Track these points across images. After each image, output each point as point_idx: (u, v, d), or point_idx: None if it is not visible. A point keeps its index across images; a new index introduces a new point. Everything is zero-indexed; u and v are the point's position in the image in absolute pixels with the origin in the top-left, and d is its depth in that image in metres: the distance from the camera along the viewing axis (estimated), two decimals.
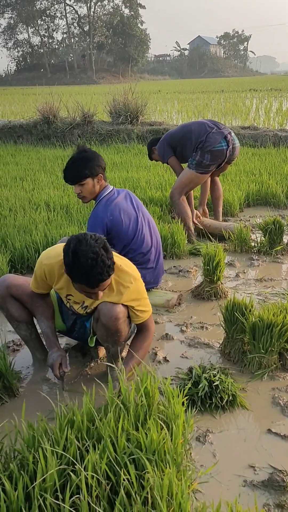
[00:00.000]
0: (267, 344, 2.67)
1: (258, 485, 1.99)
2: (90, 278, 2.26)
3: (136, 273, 2.57)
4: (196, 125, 4.85)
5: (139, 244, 3.52)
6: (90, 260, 2.20)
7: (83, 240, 2.24)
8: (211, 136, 4.69)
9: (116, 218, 3.39)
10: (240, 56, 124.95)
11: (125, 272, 2.50)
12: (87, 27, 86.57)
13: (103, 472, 1.71)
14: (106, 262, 2.23)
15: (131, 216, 3.48)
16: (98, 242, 2.25)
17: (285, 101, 21.03)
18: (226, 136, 4.72)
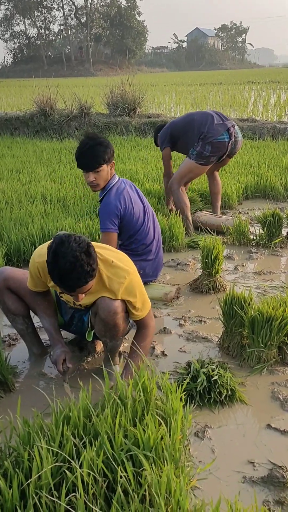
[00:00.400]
0: (266, 338, 2.64)
1: (258, 481, 1.96)
2: (67, 282, 2.20)
3: (130, 267, 2.51)
4: (199, 115, 4.81)
5: (144, 235, 3.55)
6: (69, 263, 2.14)
7: (65, 241, 2.18)
8: (214, 128, 4.65)
9: (128, 207, 3.41)
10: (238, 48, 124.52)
11: (119, 268, 2.44)
12: (84, 18, 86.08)
13: (100, 470, 1.68)
14: (84, 268, 2.17)
15: (140, 207, 3.52)
16: (81, 246, 2.18)
17: (283, 94, 20.93)
18: (229, 128, 4.68)
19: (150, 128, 10.62)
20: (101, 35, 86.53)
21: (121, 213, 3.37)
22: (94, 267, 2.23)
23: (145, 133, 10.60)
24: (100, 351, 2.93)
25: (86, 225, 4.60)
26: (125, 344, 2.98)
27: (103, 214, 3.37)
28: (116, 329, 2.52)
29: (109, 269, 2.43)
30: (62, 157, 8.39)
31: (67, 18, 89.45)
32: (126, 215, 3.41)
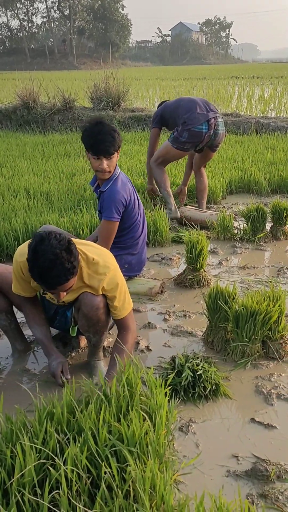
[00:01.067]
0: (250, 332, 2.64)
1: (242, 475, 1.97)
2: (47, 280, 2.17)
3: (111, 263, 2.48)
4: (186, 101, 4.88)
5: (135, 229, 3.56)
6: (49, 261, 2.11)
7: (45, 239, 2.14)
8: (195, 116, 4.71)
9: (130, 199, 3.43)
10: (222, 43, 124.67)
11: (99, 265, 2.42)
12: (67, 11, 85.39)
13: (84, 466, 1.66)
14: (65, 265, 2.14)
15: (135, 200, 3.54)
16: (61, 243, 2.15)
17: (267, 89, 21.01)
18: (209, 119, 4.71)
19: (134, 123, 10.59)
20: (85, 28, 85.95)
21: (125, 203, 3.36)
22: (74, 264, 2.20)
23: (129, 127, 10.55)
24: (84, 346, 2.91)
25: (70, 220, 4.56)
26: (109, 339, 2.97)
27: (109, 202, 3.31)
28: (99, 324, 2.51)
29: (90, 266, 2.41)
30: (45, 151, 8.32)
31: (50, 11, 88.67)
32: (129, 207, 3.41)
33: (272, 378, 2.59)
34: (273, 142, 8.39)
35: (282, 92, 18.99)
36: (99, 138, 3.19)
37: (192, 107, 4.76)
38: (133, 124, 10.57)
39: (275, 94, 18.22)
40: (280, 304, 2.67)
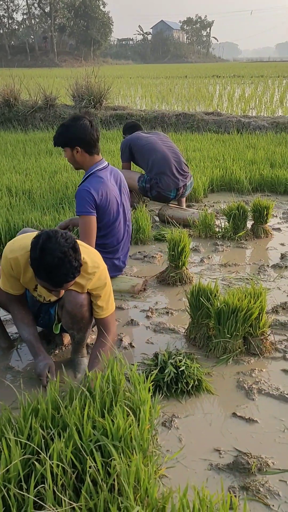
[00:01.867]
0: (232, 328, 2.69)
1: (224, 468, 2.01)
2: (55, 278, 2.20)
3: (99, 263, 2.51)
4: (161, 157, 4.94)
5: (113, 233, 3.50)
6: (57, 259, 2.13)
7: (53, 237, 2.16)
8: (166, 181, 4.92)
9: (104, 199, 3.33)
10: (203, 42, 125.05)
11: (87, 265, 2.44)
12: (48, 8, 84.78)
13: (69, 461, 1.69)
14: (73, 264, 2.17)
15: (116, 203, 3.44)
16: (68, 241, 2.17)
17: (248, 88, 21.16)
18: (179, 188, 4.98)
19: (116, 121, 10.59)
20: (66, 26, 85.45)
21: (95, 200, 3.28)
22: (81, 262, 2.24)
23: (111, 125, 10.56)
24: (68, 344, 2.93)
25: (52, 218, 4.56)
26: (92, 336, 2.99)
27: (78, 198, 3.29)
28: (83, 321, 2.53)
29: None
30: (27, 149, 8.28)
31: (31, 7, 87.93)
32: (101, 207, 3.32)
33: (253, 374, 2.63)
34: (254, 141, 8.48)
35: (262, 91, 19.15)
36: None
37: (164, 168, 4.90)
38: (115, 122, 10.57)
39: (255, 93, 18.37)
40: (261, 301, 2.72)
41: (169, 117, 10.44)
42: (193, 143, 8.51)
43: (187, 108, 14.29)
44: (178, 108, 14.11)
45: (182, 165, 5.03)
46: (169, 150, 5.04)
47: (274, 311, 3.26)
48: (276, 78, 28.10)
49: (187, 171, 5.11)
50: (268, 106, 14.63)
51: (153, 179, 4.92)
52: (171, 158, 4.95)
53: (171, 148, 5.08)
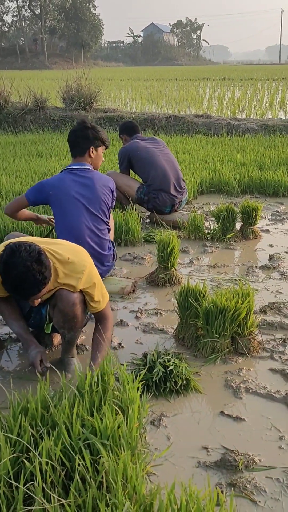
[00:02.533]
0: (220, 328, 2.72)
1: (211, 466, 2.04)
2: (20, 291, 2.25)
3: (86, 261, 2.55)
4: (161, 174, 5.01)
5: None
6: (21, 273, 2.18)
7: (16, 251, 2.20)
8: (163, 198, 5.01)
9: (52, 193, 3.50)
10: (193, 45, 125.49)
11: (75, 264, 2.48)
12: (39, 10, 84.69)
13: (58, 458, 1.71)
14: (36, 277, 2.21)
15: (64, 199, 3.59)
16: (32, 255, 2.21)
17: (237, 91, 21.28)
18: (174, 204, 5.08)
19: (107, 123, 10.62)
20: (56, 28, 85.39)
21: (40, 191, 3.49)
22: (46, 275, 2.26)
23: (102, 127, 10.56)
24: (57, 344, 2.95)
25: None
26: (82, 337, 3.01)
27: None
28: (75, 320, 2.56)
29: (65, 266, 2.46)
30: (17, 151, 8.29)
31: (21, 10, 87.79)
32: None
33: (241, 373, 2.67)
34: (243, 144, 8.55)
35: (252, 94, 19.26)
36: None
37: (163, 186, 4.99)
38: (105, 124, 10.60)
39: (245, 96, 18.48)
40: (248, 301, 2.76)
41: (159, 120, 10.49)
42: (183, 145, 8.56)
43: (177, 110, 14.36)
44: (168, 111, 14.18)
45: (180, 182, 5.15)
46: (169, 165, 5.10)
47: (262, 311, 3.30)
48: (265, 81, 28.27)
49: (184, 187, 5.22)
50: (257, 108, 14.73)
51: (152, 193, 5.01)
52: (170, 175, 5.04)
53: (170, 162, 5.15)
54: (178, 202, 5.12)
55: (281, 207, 5.81)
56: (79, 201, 3.41)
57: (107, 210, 3.56)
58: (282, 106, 15.48)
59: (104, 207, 3.52)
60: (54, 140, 9.33)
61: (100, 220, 3.48)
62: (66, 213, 3.40)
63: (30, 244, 2.26)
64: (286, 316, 3.26)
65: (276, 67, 57.62)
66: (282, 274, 3.91)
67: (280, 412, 2.37)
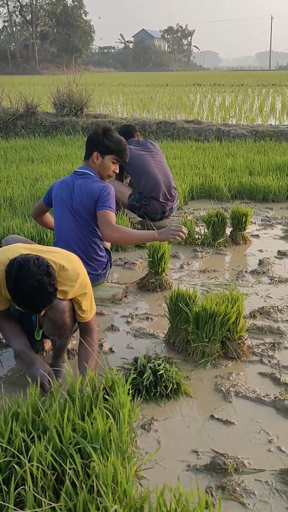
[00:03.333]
0: (210, 333, 2.74)
1: (201, 469, 2.05)
2: (33, 306, 2.26)
3: (80, 269, 2.56)
4: (152, 182, 5.03)
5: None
6: (33, 288, 2.18)
7: (25, 266, 2.20)
8: (154, 205, 5.05)
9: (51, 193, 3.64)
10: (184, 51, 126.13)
11: (69, 271, 2.48)
12: (30, 16, 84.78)
13: (49, 463, 1.72)
14: (48, 290, 2.22)
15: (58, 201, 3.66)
16: (41, 268, 2.22)
17: (228, 96, 21.42)
18: (165, 211, 5.13)
19: None
20: (47, 33, 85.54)
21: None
22: (56, 286, 2.28)
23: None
24: (49, 349, 2.96)
25: (34, 225, 4.59)
26: (73, 342, 3.02)
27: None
28: (64, 327, 2.57)
29: (59, 273, 2.46)
30: (8, 156, 8.29)
31: (12, 15, 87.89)
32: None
33: (230, 377, 2.69)
34: (234, 149, 8.61)
35: (242, 100, 19.41)
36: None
37: (154, 194, 5.03)
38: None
39: (236, 101, 18.61)
40: (238, 306, 2.79)
41: (150, 125, 10.53)
42: (174, 151, 8.61)
43: (168, 116, 14.43)
44: (159, 116, 14.25)
45: (171, 190, 5.19)
46: (161, 173, 5.14)
47: (252, 316, 3.33)
48: (256, 87, 28.49)
49: (175, 194, 5.26)
50: (247, 114, 14.84)
51: (143, 200, 5.05)
52: (162, 184, 5.08)
53: (163, 170, 5.19)
54: (168, 209, 5.18)
55: (270, 212, 5.86)
56: (65, 205, 3.45)
57: (90, 218, 3.42)
58: (272, 112, 15.61)
59: (86, 215, 3.42)
60: (45, 145, 9.35)
61: (84, 227, 3.44)
62: (57, 216, 3.50)
63: (37, 257, 2.27)
64: (275, 321, 3.29)
65: (266, 73, 58.07)
66: (271, 278, 3.94)
67: (269, 416, 2.39)
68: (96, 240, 3.52)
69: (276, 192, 6.25)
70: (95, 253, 3.53)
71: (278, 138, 9.75)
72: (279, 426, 2.31)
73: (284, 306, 3.45)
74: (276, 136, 9.81)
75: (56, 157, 8.19)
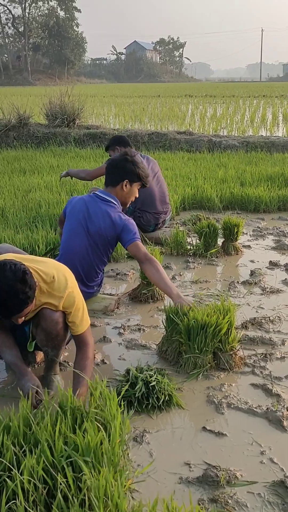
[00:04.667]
0: (201, 344, 2.75)
1: (193, 482, 2.05)
2: (2, 310, 2.25)
3: (69, 280, 2.54)
4: (147, 194, 4.98)
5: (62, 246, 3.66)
6: (4, 293, 2.18)
7: (1, 270, 2.21)
8: (147, 217, 5.11)
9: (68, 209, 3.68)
10: (176, 62, 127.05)
11: (58, 282, 2.47)
12: (22, 28, 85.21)
13: (40, 477, 1.71)
14: (19, 297, 2.21)
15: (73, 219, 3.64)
16: (17, 274, 2.21)
17: (219, 108, 21.58)
18: (158, 223, 5.17)
19: (90, 140, 10.70)
20: (40, 45, 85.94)
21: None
22: (29, 295, 2.25)
23: (85, 144, 10.65)
24: (40, 361, 2.95)
25: (25, 236, 4.59)
26: (65, 353, 3.01)
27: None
28: (58, 338, 2.56)
29: (49, 285, 2.46)
30: (0, 167, 8.30)
31: (4, 27, 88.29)
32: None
33: (223, 388, 2.69)
34: (225, 160, 8.67)
35: (233, 111, 19.55)
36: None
37: (148, 206, 5.07)
38: (88, 141, 10.68)
39: (227, 113, 18.74)
40: (229, 317, 2.79)
41: (142, 136, 10.59)
42: (166, 161, 8.65)
43: (160, 127, 14.51)
44: (151, 127, 14.32)
45: (166, 202, 5.23)
46: (156, 184, 5.17)
47: (244, 327, 3.34)
48: (247, 98, 28.73)
49: (168, 206, 5.32)
50: (239, 125, 14.95)
51: (137, 212, 5.06)
52: (156, 196, 5.12)
53: (157, 182, 5.22)
54: (161, 221, 5.21)
55: (262, 223, 5.89)
56: (80, 224, 3.43)
57: (103, 245, 3.45)
58: (263, 123, 15.73)
59: (100, 241, 3.43)
60: (37, 156, 9.36)
61: (94, 251, 3.44)
62: (67, 231, 3.49)
63: (15, 263, 2.26)
64: (267, 331, 3.30)
65: (257, 85, 58.63)
66: (263, 289, 3.96)
67: (261, 427, 2.39)
68: (101, 266, 3.56)
69: (267, 202, 6.29)
70: (95, 276, 3.57)
71: (269, 149, 9.83)
72: (271, 438, 2.31)
73: (276, 317, 3.47)
74: (267, 147, 9.89)
75: (48, 168, 8.20)
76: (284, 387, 2.71)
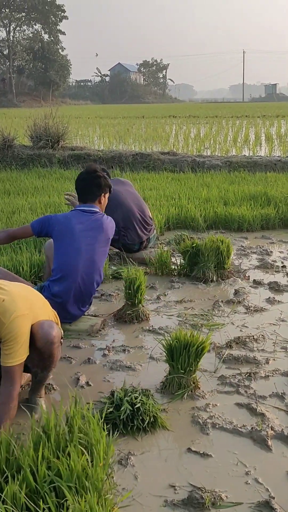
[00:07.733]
0: (185, 364, 2.75)
1: (178, 504, 2.04)
2: None
3: (21, 310, 2.41)
4: (126, 212, 5.07)
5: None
6: None
7: None
8: (131, 235, 5.12)
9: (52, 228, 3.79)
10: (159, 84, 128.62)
11: (5, 308, 2.37)
12: (7, 50, 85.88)
13: (22, 504, 1.69)
14: None
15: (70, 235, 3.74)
16: None
17: (203, 128, 21.84)
18: (142, 242, 5.19)
19: (74, 161, 10.75)
20: (24, 68, 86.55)
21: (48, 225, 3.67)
22: None
23: (69, 165, 10.70)
24: (24, 385, 2.92)
25: (9, 258, 4.58)
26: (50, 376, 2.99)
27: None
28: (51, 359, 2.56)
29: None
30: None
31: None
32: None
33: (207, 408, 2.69)
34: (208, 180, 8.76)
35: (217, 131, 19.81)
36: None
37: (129, 223, 5.07)
38: (73, 162, 10.73)
39: (210, 133, 18.98)
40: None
41: (126, 157, 10.67)
42: (150, 182, 8.72)
43: (144, 147, 14.64)
44: (135, 148, 14.44)
45: (147, 219, 5.25)
46: (134, 203, 5.22)
47: (228, 346, 3.35)
48: (229, 118, 29.15)
49: (151, 223, 5.33)
50: (222, 145, 15.14)
51: (121, 231, 5.06)
52: (136, 213, 5.15)
53: (136, 200, 5.27)
54: (146, 239, 5.21)
55: (245, 242, 5.94)
56: (77, 241, 3.55)
57: (99, 257, 3.67)
58: (246, 143, 15.95)
59: (100, 249, 3.67)
60: (21, 178, 9.38)
61: (94, 264, 3.61)
62: (63, 251, 3.55)
63: None
64: (251, 350, 3.31)
65: (240, 105, 59.57)
66: (247, 308, 3.98)
67: (246, 447, 2.39)
68: (99, 280, 3.71)
69: (251, 221, 6.36)
70: (93, 291, 3.71)
71: (251, 168, 9.95)
72: (256, 458, 2.31)
73: (260, 335, 3.48)
74: (249, 167, 10.01)
75: (32, 189, 8.22)
76: (268, 406, 2.71)
